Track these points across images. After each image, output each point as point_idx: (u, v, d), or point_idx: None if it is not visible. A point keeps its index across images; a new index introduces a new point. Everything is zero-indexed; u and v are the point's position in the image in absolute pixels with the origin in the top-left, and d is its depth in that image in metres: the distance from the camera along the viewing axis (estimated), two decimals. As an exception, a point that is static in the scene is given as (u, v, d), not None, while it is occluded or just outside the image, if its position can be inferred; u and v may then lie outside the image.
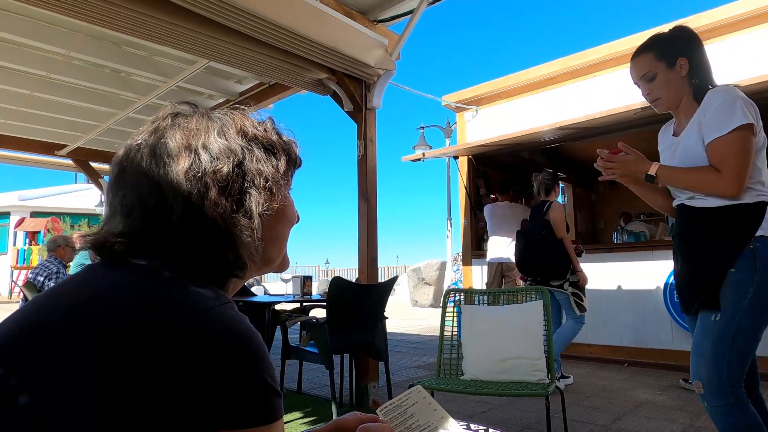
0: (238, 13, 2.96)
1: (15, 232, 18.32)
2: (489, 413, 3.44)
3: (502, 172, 7.30)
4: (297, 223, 0.82)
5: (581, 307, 4.10)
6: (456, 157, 6.94)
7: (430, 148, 10.70)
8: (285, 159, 0.77)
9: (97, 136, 6.09)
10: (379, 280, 3.84)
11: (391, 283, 3.70)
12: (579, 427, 3.08)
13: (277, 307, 4.11)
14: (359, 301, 3.50)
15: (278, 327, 3.74)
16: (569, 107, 5.98)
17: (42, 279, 4.84)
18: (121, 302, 0.61)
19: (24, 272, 15.41)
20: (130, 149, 0.71)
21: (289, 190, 0.79)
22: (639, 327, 5.15)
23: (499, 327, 2.68)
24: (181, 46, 3.35)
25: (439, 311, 2.94)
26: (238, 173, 0.69)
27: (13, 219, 18.61)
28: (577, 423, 3.16)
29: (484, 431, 1.14)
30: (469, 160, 6.81)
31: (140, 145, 0.70)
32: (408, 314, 11.56)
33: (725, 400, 1.55)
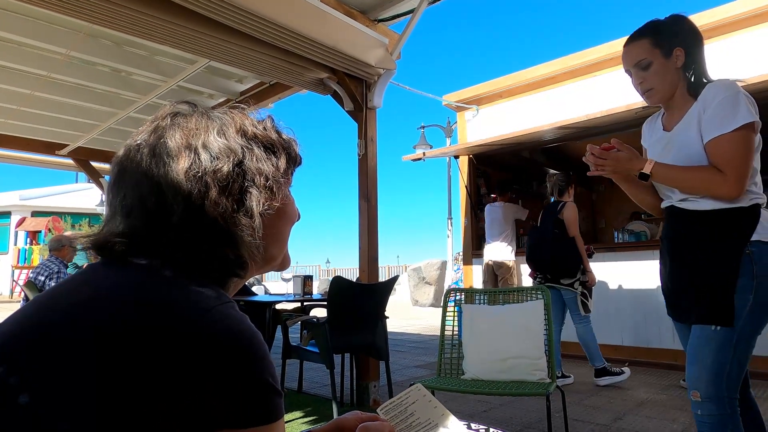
0: (238, 13, 2.96)
1: (16, 232, 18.34)
2: (490, 412, 3.44)
3: (503, 172, 7.30)
4: (297, 221, 0.82)
5: (586, 308, 4.12)
6: (456, 157, 6.94)
7: (431, 147, 10.71)
8: (285, 157, 0.77)
9: (98, 136, 6.09)
10: (380, 280, 3.85)
11: (391, 282, 3.70)
12: (580, 427, 3.08)
13: (278, 307, 4.11)
14: (360, 300, 3.50)
15: (279, 326, 3.74)
16: (569, 107, 5.98)
17: (43, 279, 4.84)
18: (122, 302, 0.61)
19: (25, 272, 15.43)
20: (129, 149, 0.71)
21: (289, 188, 0.79)
22: (640, 326, 5.15)
23: (500, 326, 2.68)
24: (182, 46, 3.35)
25: (440, 311, 2.94)
26: (238, 172, 0.69)
27: (14, 218, 18.63)
28: (577, 422, 3.16)
29: (484, 431, 1.14)
30: (470, 160, 6.81)
31: (140, 145, 0.70)
32: (408, 314, 11.56)
33: (721, 410, 1.50)
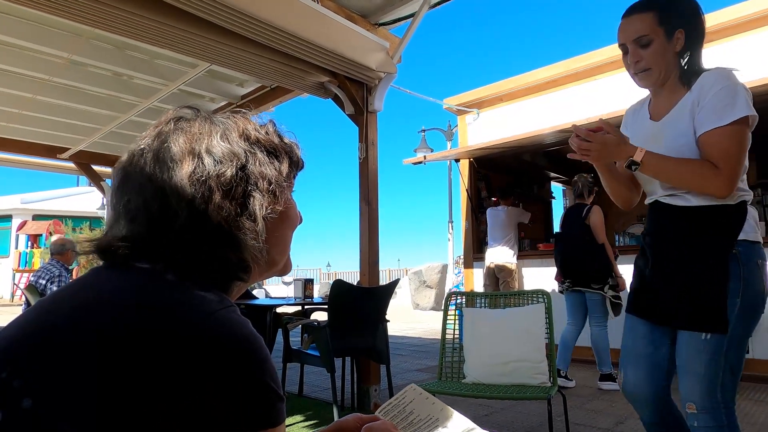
0: (239, 17, 2.96)
1: (17, 235, 18.35)
2: (491, 416, 3.43)
3: (504, 175, 7.30)
4: (300, 224, 0.82)
5: (617, 310, 4.15)
6: (457, 160, 6.94)
7: (432, 151, 10.73)
8: (287, 161, 0.77)
9: (99, 139, 6.10)
10: (381, 283, 3.84)
11: (392, 286, 3.69)
12: (581, 431, 3.07)
13: (279, 310, 4.11)
14: (360, 304, 3.50)
15: (279, 330, 3.74)
16: (571, 110, 5.98)
17: (44, 282, 4.84)
18: (124, 305, 0.61)
19: (26, 275, 15.43)
20: (133, 154, 0.72)
21: (291, 192, 0.80)
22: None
23: (501, 330, 2.67)
24: (183, 50, 3.36)
25: (441, 314, 2.94)
26: (241, 176, 0.69)
27: (15, 222, 18.65)
28: (579, 426, 3.15)
29: None
30: (471, 163, 6.81)
31: (144, 150, 0.71)
32: (409, 317, 11.55)
33: (718, 420, 1.45)
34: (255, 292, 5.30)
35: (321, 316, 3.83)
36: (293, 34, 3.21)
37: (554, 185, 8.68)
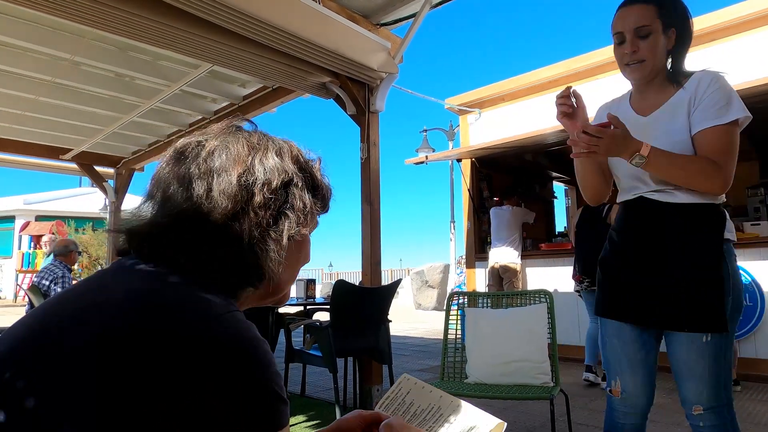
0: (241, 17, 2.97)
1: (20, 236, 18.40)
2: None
3: (506, 175, 7.29)
4: (306, 263, 0.84)
5: None
6: (459, 160, 6.94)
7: (433, 151, 10.70)
8: (321, 200, 0.80)
9: (102, 140, 6.12)
10: (383, 283, 3.84)
11: (394, 286, 3.69)
12: (584, 431, 3.06)
13: (281, 311, 4.11)
14: (363, 304, 3.50)
15: (282, 330, 3.74)
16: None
17: (47, 283, 4.84)
18: (128, 306, 0.61)
19: (29, 276, 15.46)
20: (189, 144, 0.74)
21: (312, 230, 0.82)
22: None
23: (503, 330, 2.67)
24: (185, 50, 3.36)
25: (443, 314, 2.94)
26: (282, 192, 0.73)
27: (18, 223, 18.70)
28: (581, 426, 3.15)
29: None
30: (473, 163, 6.80)
31: (200, 143, 0.74)
32: (411, 317, 11.54)
33: (723, 418, 1.46)
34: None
35: (323, 316, 3.83)
36: (295, 35, 3.21)
37: (556, 185, 8.68)
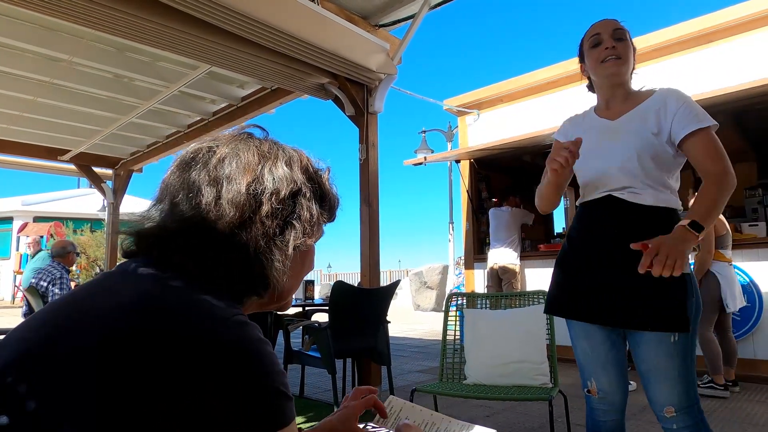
0: (239, 18, 2.97)
1: (18, 237, 18.36)
2: (492, 417, 3.42)
3: (504, 176, 7.30)
4: (310, 271, 0.85)
5: None
6: (458, 161, 6.95)
7: (432, 152, 10.72)
8: (327, 211, 0.81)
9: (100, 141, 6.11)
10: (381, 284, 3.84)
11: (393, 287, 3.69)
12: (582, 432, 3.06)
13: (280, 312, 4.10)
14: (361, 305, 3.50)
15: (281, 331, 3.74)
16: (571, 111, 5.93)
17: (45, 284, 4.83)
18: (129, 308, 0.61)
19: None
20: (200, 149, 0.74)
21: (317, 240, 0.82)
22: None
23: (502, 331, 2.67)
24: (183, 51, 3.36)
25: (442, 315, 2.94)
26: (290, 203, 0.73)
27: (16, 224, 18.66)
28: (580, 427, 3.14)
29: None
30: (471, 164, 6.81)
31: (212, 149, 0.74)
32: (410, 318, 11.54)
33: (695, 417, 1.48)
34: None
35: (322, 317, 3.83)
36: (293, 36, 3.21)
37: (555, 186, 8.67)
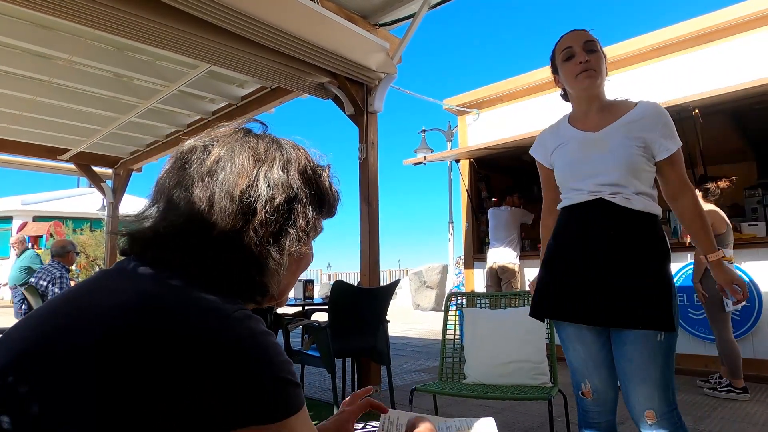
0: (239, 18, 2.97)
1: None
2: (491, 417, 3.42)
3: (504, 176, 7.29)
4: (306, 269, 0.85)
5: None
6: (457, 161, 6.95)
7: (432, 151, 10.73)
8: (327, 209, 0.80)
9: (99, 141, 6.11)
10: (381, 284, 3.84)
11: (393, 286, 3.69)
12: None
13: (279, 311, 4.10)
14: (361, 304, 3.50)
15: (280, 330, 3.74)
16: (570, 110, 5.97)
17: (45, 284, 4.84)
18: (127, 307, 0.61)
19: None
20: (195, 149, 0.73)
21: (316, 237, 0.81)
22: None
23: (502, 330, 2.67)
24: (183, 51, 3.36)
25: (441, 315, 2.93)
26: (285, 209, 0.71)
27: (16, 223, 18.65)
28: (580, 427, 3.14)
29: None
30: (471, 164, 6.81)
31: (206, 149, 0.72)
32: (410, 318, 11.54)
33: (674, 422, 1.49)
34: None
35: (321, 316, 3.83)
36: (293, 35, 3.21)
37: (554, 185, 8.67)
